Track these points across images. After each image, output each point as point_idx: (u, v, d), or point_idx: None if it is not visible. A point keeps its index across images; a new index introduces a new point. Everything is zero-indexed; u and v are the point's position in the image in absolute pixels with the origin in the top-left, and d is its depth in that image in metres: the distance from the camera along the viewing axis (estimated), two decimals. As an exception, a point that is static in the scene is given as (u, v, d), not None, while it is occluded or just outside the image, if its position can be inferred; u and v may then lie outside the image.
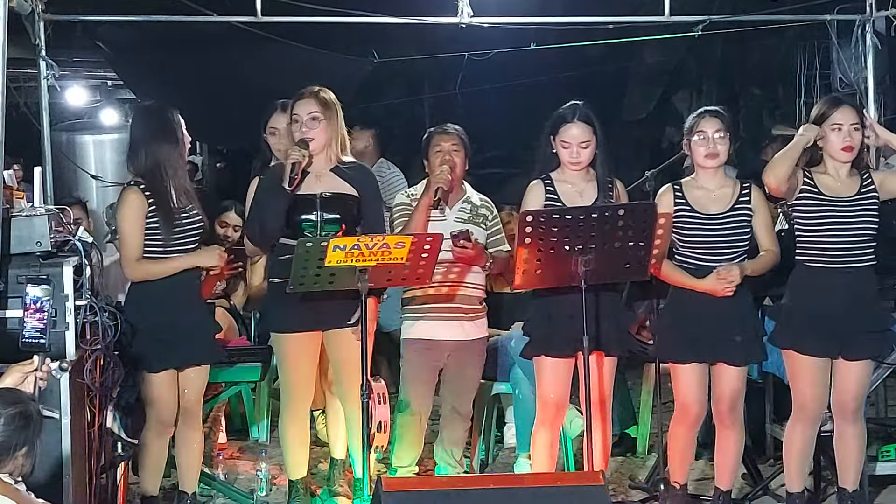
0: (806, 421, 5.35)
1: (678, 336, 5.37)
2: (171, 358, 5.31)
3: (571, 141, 5.38)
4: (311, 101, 5.49)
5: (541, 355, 5.40)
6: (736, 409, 5.42)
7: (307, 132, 5.44)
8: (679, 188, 5.42)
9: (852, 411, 5.32)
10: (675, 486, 5.51)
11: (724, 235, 5.33)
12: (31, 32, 6.66)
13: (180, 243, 5.33)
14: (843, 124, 5.20)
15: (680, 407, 5.44)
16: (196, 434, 5.54)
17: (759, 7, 8.11)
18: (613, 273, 5.16)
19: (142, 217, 5.28)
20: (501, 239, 6.00)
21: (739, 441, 5.50)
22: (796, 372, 5.31)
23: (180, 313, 5.33)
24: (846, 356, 5.25)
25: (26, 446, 3.60)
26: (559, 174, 5.46)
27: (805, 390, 5.30)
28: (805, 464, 5.46)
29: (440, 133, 5.94)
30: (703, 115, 5.42)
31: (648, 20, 7.80)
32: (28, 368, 3.94)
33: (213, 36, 8.20)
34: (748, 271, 5.29)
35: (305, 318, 5.41)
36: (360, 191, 5.55)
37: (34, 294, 4.55)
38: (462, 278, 5.83)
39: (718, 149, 5.35)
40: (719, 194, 5.40)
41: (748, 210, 5.37)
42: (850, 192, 5.24)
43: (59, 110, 9.55)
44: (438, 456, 6.07)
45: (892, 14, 7.01)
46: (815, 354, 5.23)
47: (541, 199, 5.38)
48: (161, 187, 5.30)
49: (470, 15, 6.89)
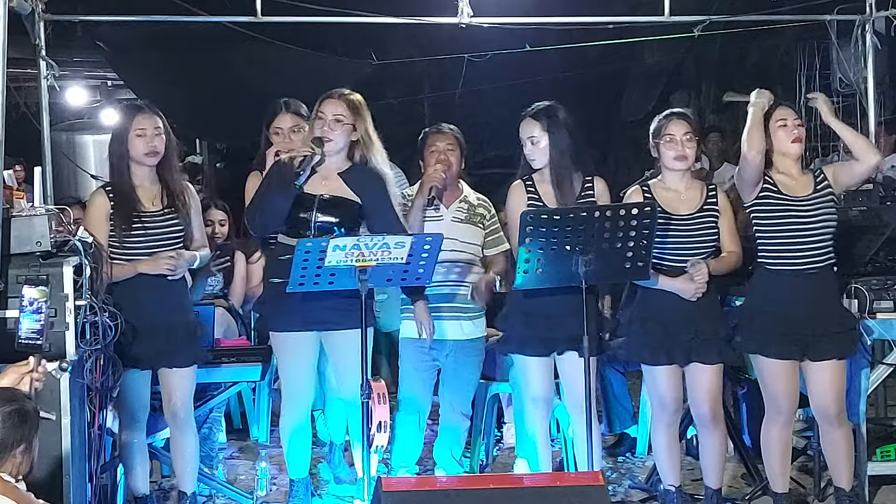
0: (780, 422, 5.36)
1: (648, 338, 5.37)
2: (143, 359, 5.28)
3: (523, 137, 5.42)
4: (339, 102, 5.44)
5: (517, 353, 5.45)
6: (717, 410, 5.42)
7: (327, 132, 5.42)
8: (647, 189, 5.42)
9: (835, 415, 5.31)
10: (671, 488, 5.50)
11: (694, 236, 5.34)
12: (31, 32, 6.66)
13: (143, 249, 5.29)
14: (786, 119, 5.28)
15: (657, 406, 5.45)
16: (188, 438, 5.51)
17: (759, 7, 8.11)
18: (613, 273, 5.17)
19: (102, 219, 5.28)
20: (500, 238, 5.99)
21: (723, 439, 5.51)
22: (765, 375, 5.33)
23: (159, 315, 5.29)
24: (812, 358, 5.25)
25: (23, 444, 3.61)
26: (539, 175, 5.48)
27: (775, 392, 5.30)
28: (786, 464, 5.46)
29: (435, 132, 5.95)
30: (671, 118, 5.42)
31: (648, 20, 7.81)
32: (24, 369, 3.94)
33: (213, 36, 8.20)
34: (712, 270, 5.30)
35: (305, 318, 5.41)
36: (364, 198, 5.47)
37: (31, 296, 4.56)
38: (462, 278, 5.84)
39: (687, 151, 5.37)
40: (687, 196, 5.41)
41: (715, 211, 5.39)
42: (805, 192, 5.28)
43: (59, 110, 9.55)
44: (438, 456, 6.08)
45: (892, 14, 7.02)
46: (780, 358, 5.24)
47: (523, 200, 5.39)
48: (122, 190, 5.30)
49: (470, 15, 6.89)
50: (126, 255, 5.29)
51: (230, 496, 6.10)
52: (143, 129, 5.32)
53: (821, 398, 5.31)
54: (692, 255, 5.32)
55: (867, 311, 5.56)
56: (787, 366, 5.26)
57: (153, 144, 5.33)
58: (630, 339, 5.46)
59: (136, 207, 5.31)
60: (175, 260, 5.29)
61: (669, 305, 5.31)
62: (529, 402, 5.51)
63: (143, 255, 5.29)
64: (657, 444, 5.52)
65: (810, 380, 5.32)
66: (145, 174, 5.37)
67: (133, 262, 5.28)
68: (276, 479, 6.25)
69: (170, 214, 5.36)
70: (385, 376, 7.36)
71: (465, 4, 6.86)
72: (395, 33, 9.34)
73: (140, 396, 5.36)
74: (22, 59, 7.27)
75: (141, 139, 5.31)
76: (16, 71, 7.71)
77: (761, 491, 5.90)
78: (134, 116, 5.34)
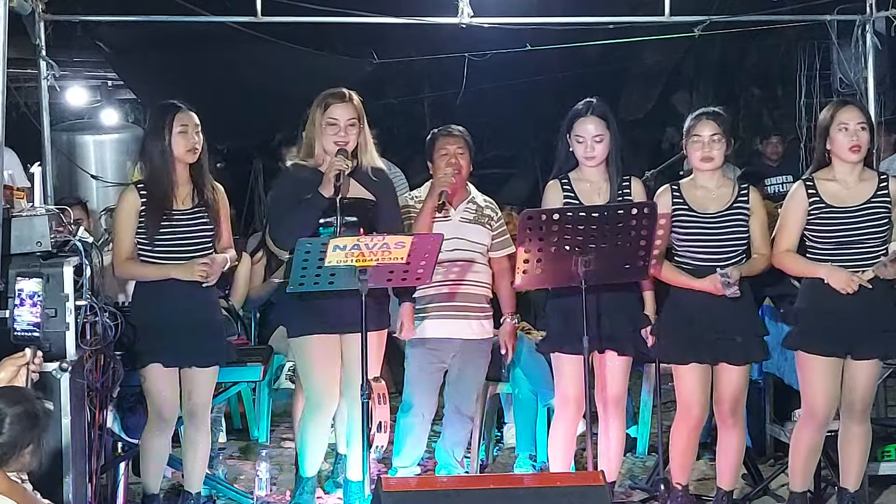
0: (815, 424, 5.33)
1: (678, 337, 5.37)
2: (167, 356, 5.28)
3: (586, 136, 5.39)
4: (350, 106, 5.44)
5: (555, 351, 5.42)
6: (738, 409, 5.42)
7: (345, 138, 5.41)
8: (677, 188, 5.42)
9: (859, 412, 5.31)
10: (678, 486, 5.51)
11: (723, 235, 5.33)
12: (31, 32, 6.66)
13: (173, 247, 5.29)
14: (849, 124, 5.20)
15: (682, 408, 5.44)
16: (203, 436, 5.51)
17: (759, 7, 8.10)
18: (613, 273, 5.16)
19: (132, 216, 5.28)
20: (507, 241, 6.00)
21: (741, 441, 5.50)
22: (806, 373, 5.29)
23: (184, 314, 5.28)
24: (856, 356, 5.23)
25: (32, 444, 3.61)
26: (577, 173, 5.48)
27: (815, 392, 5.27)
28: (812, 465, 5.45)
29: (445, 135, 5.93)
30: (700, 118, 5.42)
31: (648, 20, 7.80)
32: (20, 362, 3.94)
33: (213, 36, 8.19)
34: (743, 274, 5.28)
35: (326, 321, 5.39)
36: (379, 197, 5.52)
37: (31, 288, 4.53)
38: (469, 277, 5.84)
39: (714, 153, 5.36)
40: (718, 194, 5.40)
41: (746, 210, 5.37)
42: (858, 200, 5.23)
43: (59, 110, 9.54)
44: (439, 456, 6.08)
45: (892, 14, 7.01)
46: (825, 354, 5.21)
47: (559, 198, 5.40)
48: (155, 188, 5.28)
49: (470, 15, 6.89)
50: (156, 253, 5.29)
51: (230, 496, 6.10)
52: (185, 126, 5.31)
53: (851, 392, 5.27)
54: (721, 254, 5.31)
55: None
56: (830, 368, 5.22)
57: (194, 141, 5.33)
58: (660, 338, 5.45)
59: (169, 206, 5.30)
60: (209, 267, 5.29)
61: (698, 305, 5.30)
62: (560, 402, 5.50)
63: (173, 253, 5.29)
64: (676, 443, 5.49)
65: (847, 374, 5.28)
66: (181, 172, 5.36)
67: (167, 267, 5.27)
68: (276, 479, 6.25)
69: (200, 214, 5.36)
70: (385, 376, 7.36)
71: (465, 4, 6.85)
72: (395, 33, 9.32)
73: (170, 395, 5.34)
74: (22, 59, 7.26)
75: (183, 136, 5.30)
76: (16, 71, 7.70)
77: (761, 491, 5.91)
78: (175, 114, 5.31)
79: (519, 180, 12.47)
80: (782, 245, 5.33)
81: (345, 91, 5.51)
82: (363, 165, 5.50)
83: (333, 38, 10.83)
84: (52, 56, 6.84)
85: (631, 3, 9.05)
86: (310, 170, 5.47)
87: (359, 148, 5.49)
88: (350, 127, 5.43)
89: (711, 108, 5.56)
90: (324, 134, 5.44)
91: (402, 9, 7.33)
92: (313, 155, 5.50)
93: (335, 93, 5.49)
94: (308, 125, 5.53)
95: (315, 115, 5.47)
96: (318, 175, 5.41)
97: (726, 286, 5.20)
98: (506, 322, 5.98)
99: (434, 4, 7.14)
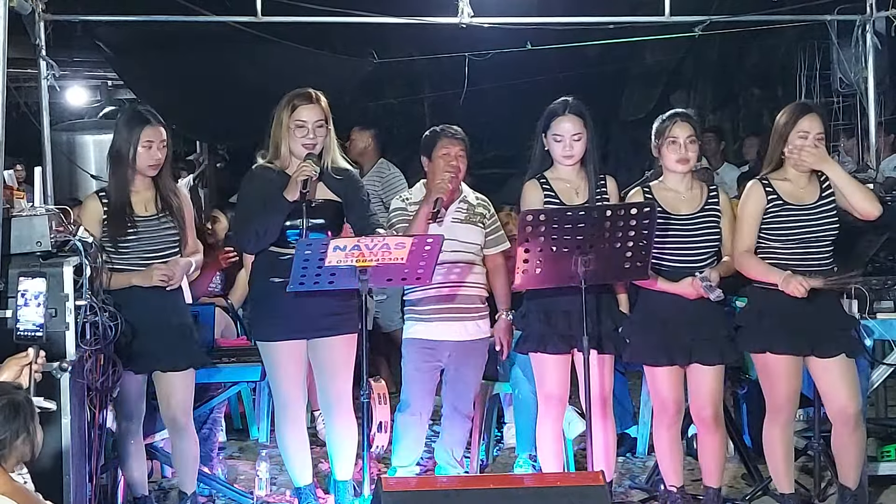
0: (782, 422, 5.35)
1: (650, 338, 5.36)
2: (139, 363, 5.26)
3: (564, 134, 5.40)
4: (317, 107, 5.42)
5: (537, 352, 5.43)
6: (716, 410, 5.41)
7: (314, 140, 5.40)
8: (648, 190, 5.41)
9: (852, 415, 5.27)
10: (672, 489, 5.50)
11: (696, 236, 5.34)
12: (31, 32, 6.67)
13: (138, 253, 5.28)
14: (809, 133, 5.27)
15: (659, 408, 5.45)
16: (188, 443, 5.49)
17: (759, 7, 8.12)
18: (613, 273, 5.16)
19: (95, 224, 5.27)
20: (501, 237, 5.99)
21: (723, 440, 5.51)
22: (769, 373, 5.30)
23: (153, 319, 5.26)
24: (819, 354, 5.24)
25: (21, 434, 3.61)
26: (553, 172, 5.48)
27: (779, 391, 5.29)
28: (790, 464, 5.45)
29: (448, 136, 5.85)
30: (675, 120, 5.40)
31: (648, 20, 7.81)
32: (24, 361, 3.95)
33: (213, 36, 8.20)
34: (721, 275, 5.28)
35: (291, 326, 5.38)
36: (344, 197, 5.50)
37: (36, 288, 4.50)
38: (463, 278, 5.83)
39: (689, 154, 5.37)
40: (689, 196, 5.40)
41: (717, 212, 5.38)
42: (811, 199, 5.26)
43: (59, 110, 9.55)
44: (439, 456, 6.07)
45: (892, 14, 7.02)
46: (787, 353, 5.22)
47: (539, 198, 5.39)
48: (118, 196, 5.29)
49: (470, 15, 6.90)
50: (121, 260, 5.27)
51: (230, 496, 6.10)
52: (150, 142, 5.29)
53: (836, 400, 5.26)
54: (695, 255, 5.32)
55: (867, 312, 5.54)
56: (792, 366, 5.24)
57: (157, 157, 5.32)
58: (631, 339, 5.45)
59: (131, 213, 5.29)
60: (169, 270, 5.28)
61: (669, 306, 5.31)
62: (544, 400, 5.51)
63: (138, 259, 5.28)
64: (659, 445, 5.52)
65: (822, 380, 5.29)
66: (141, 180, 5.36)
67: (127, 275, 5.25)
68: (276, 479, 6.25)
69: (164, 219, 5.36)
70: (385, 376, 7.37)
71: (466, 4, 6.86)
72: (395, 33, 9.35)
73: (135, 400, 5.34)
74: (22, 59, 7.27)
75: (146, 151, 5.28)
76: (16, 71, 7.71)
77: (761, 491, 5.91)
78: (142, 128, 5.27)
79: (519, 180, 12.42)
80: (741, 245, 5.32)
81: (311, 92, 5.46)
82: (327, 166, 5.48)
83: (333, 38, 10.85)
84: (52, 56, 6.85)
85: (631, 3, 9.07)
86: (276, 172, 5.45)
87: (324, 149, 5.47)
88: (318, 129, 5.40)
89: (683, 110, 5.59)
90: (291, 136, 5.41)
91: (402, 9, 7.34)
92: (279, 157, 5.47)
93: (302, 94, 5.45)
94: (274, 127, 5.47)
95: (282, 117, 5.43)
96: (284, 177, 5.39)
97: (709, 290, 5.20)
98: (501, 318, 5.97)
99: (434, 4, 7.15)
